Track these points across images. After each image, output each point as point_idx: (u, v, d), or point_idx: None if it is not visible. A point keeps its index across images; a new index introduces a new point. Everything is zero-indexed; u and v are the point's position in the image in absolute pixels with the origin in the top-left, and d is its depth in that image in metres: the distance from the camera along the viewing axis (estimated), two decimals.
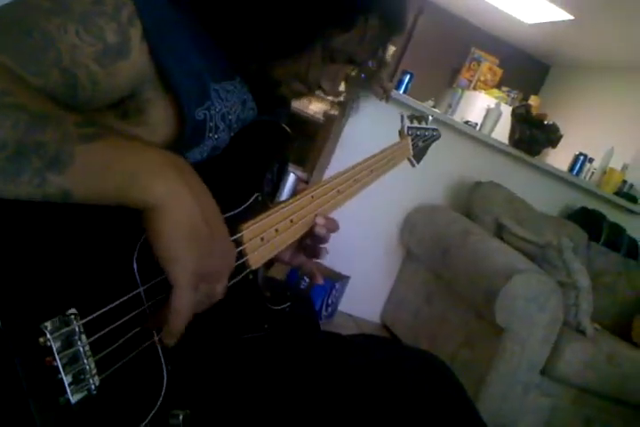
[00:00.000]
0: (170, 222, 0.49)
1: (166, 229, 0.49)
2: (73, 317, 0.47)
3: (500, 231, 2.53)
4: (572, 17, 4.49)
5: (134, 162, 0.49)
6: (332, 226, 0.80)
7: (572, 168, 3.11)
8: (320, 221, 0.79)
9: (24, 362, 0.44)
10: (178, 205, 0.50)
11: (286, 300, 0.80)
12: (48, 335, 0.44)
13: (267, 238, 0.70)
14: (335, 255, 1.81)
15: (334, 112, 2.96)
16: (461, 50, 5.61)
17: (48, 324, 0.45)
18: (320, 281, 0.84)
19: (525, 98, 5.34)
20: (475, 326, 2.14)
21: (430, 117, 1.20)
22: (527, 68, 5.93)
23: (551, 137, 2.82)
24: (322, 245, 0.82)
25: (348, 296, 2.72)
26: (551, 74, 6.10)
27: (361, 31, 0.71)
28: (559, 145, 2.89)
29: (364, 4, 0.69)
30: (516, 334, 1.94)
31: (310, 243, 0.81)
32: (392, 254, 2.83)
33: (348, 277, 2.67)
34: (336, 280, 2.55)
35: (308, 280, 2.38)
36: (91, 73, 0.56)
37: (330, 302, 2.55)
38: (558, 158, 3.71)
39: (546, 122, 2.85)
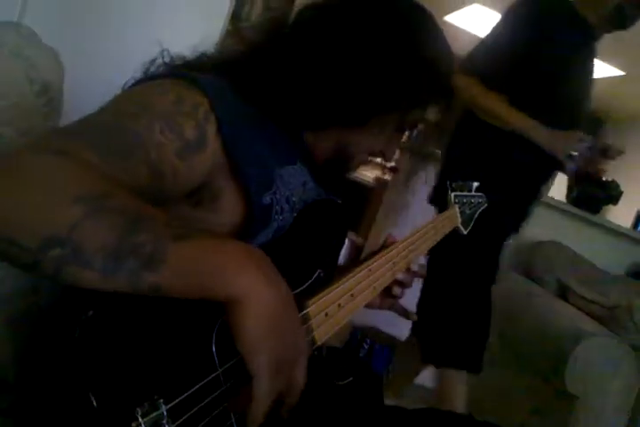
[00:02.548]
0: (253, 316, 0.51)
1: (249, 323, 0.51)
2: (162, 401, 0.48)
3: (563, 292, 2.44)
4: (622, 73, 4.48)
5: (220, 259, 0.51)
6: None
7: (636, 224, 3.01)
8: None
9: None
10: (260, 299, 0.51)
11: (349, 374, 0.81)
12: (140, 420, 0.46)
13: (330, 313, 0.71)
14: (394, 322, 1.79)
15: (386, 177, 3.01)
16: None
17: (139, 409, 0.46)
18: (414, 318, 0.93)
19: None
20: (543, 393, 2.03)
21: (475, 184, 1.22)
22: None
23: (612, 194, 2.76)
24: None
25: None
26: (605, 129, 6.00)
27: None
28: (620, 201, 2.82)
29: (438, 81, 0.76)
30: (589, 401, 1.84)
31: (408, 280, 0.91)
32: None
33: None
34: (396, 347, 2.50)
35: (367, 347, 2.36)
36: (174, 167, 0.61)
37: (391, 369, 2.49)
38: (620, 215, 3.61)
39: (605, 178, 2.80)
